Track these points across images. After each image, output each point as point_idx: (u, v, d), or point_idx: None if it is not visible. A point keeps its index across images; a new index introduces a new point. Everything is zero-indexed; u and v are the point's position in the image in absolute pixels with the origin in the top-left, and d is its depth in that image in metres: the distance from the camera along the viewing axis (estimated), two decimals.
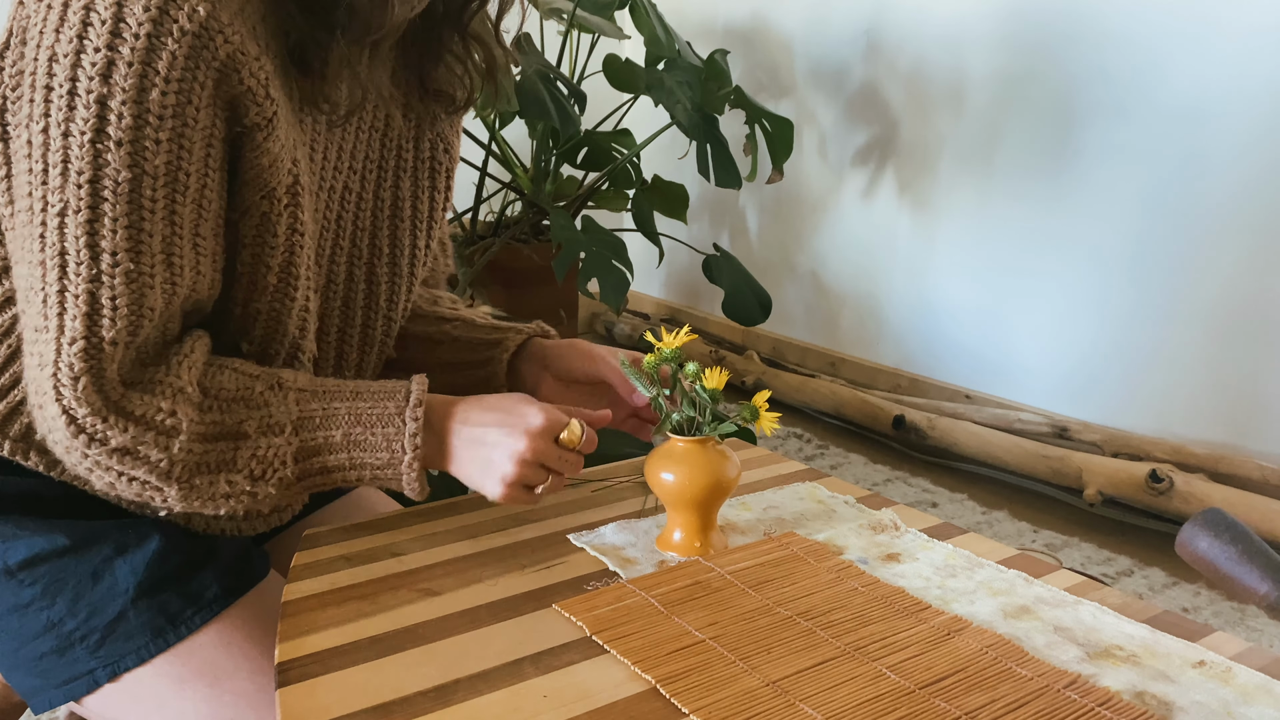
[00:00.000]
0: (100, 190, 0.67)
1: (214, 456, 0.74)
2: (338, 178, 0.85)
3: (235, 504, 0.75)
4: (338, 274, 0.88)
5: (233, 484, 0.74)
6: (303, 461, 0.76)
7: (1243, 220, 2.08)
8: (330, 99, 0.78)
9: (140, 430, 0.70)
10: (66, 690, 0.79)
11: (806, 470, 0.99)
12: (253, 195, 0.76)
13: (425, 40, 0.89)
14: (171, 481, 0.72)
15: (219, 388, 0.74)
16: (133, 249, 0.69)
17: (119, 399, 0.70)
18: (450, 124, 0.95)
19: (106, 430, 0.70)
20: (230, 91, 0.71)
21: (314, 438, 0.76)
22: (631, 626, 0.68)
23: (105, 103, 0.66)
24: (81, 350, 0.68)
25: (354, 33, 0.75)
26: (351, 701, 0.60)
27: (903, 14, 2.64)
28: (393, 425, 0.76)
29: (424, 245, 0.94)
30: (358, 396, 0.77)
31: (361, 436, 0.76)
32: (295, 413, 0.76)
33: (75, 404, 0.69)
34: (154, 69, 0.66)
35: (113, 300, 0.69)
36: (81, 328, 0.68)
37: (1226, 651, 0.69)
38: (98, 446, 0.70)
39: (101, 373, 0.69)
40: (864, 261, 2.85)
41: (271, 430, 0.75)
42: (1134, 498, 2.15)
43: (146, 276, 0.70)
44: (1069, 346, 2.40)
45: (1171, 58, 2.14)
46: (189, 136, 0.69)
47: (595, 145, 2.63)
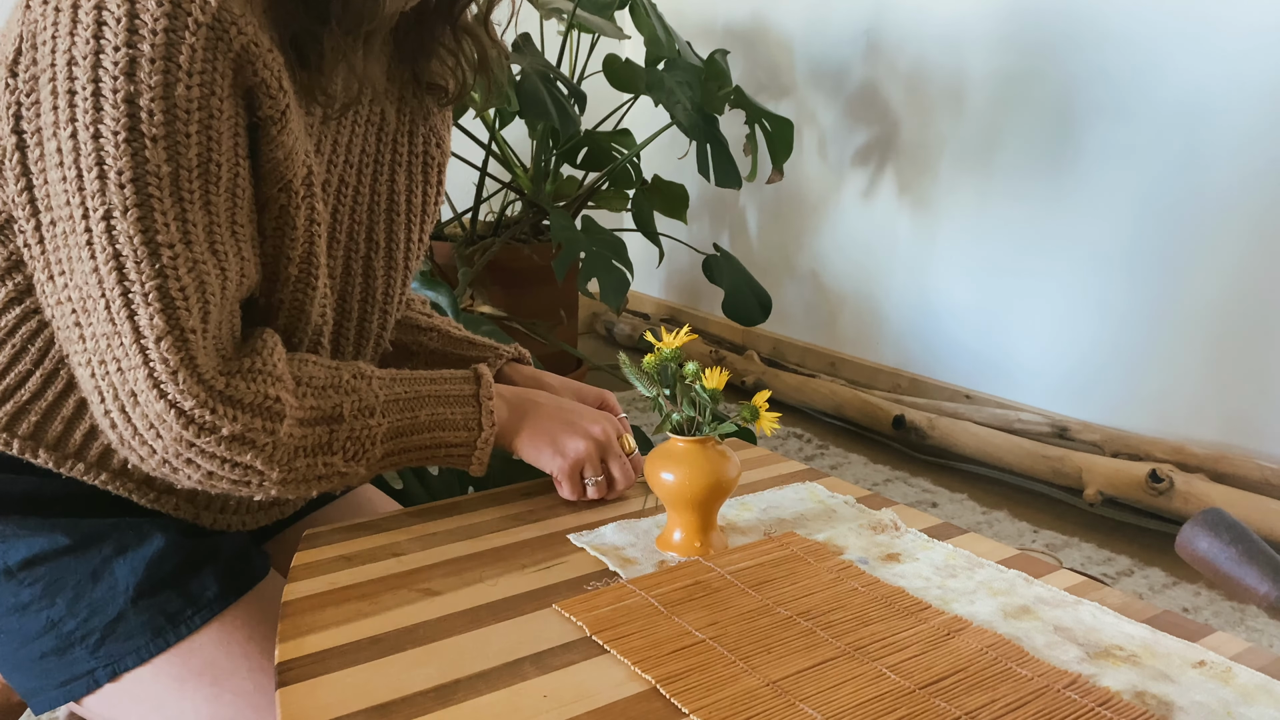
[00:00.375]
0: (146, 187, 0.67)
1: (313, 440, 0.76)
2: (333, 172, 0.85)
3: (327, 485, 0.79)
4: (335, 268, 0.88)
5: (329, 465, 0.78)
6: (390, 441, 0.81)
7: (1243, 220, 2.08)
8: (326, 92, 0.79)
9: (250, 417, 0.72)
10: (66, 690, 0.79)
11: (806, 470, 0.99)
12: (270, 189, 0.76)
13: (418, 33, 0.90)
14: (275, 465, 0.74)
15: (309, 376, 0.78)
16: (185, 239, 0.69)
17: (223, 388, 0.71)
18: (442, 118, 0.95)
19: (216, 420, 0.71)
20: (246, 83, 0.71)
21: (402, 418, 0.81)
22: (631, 626, 0.68)
23: (134, 100, 0.66)
24: (171, 344, 0.69)
25: (347, 23, 0.76)
26: (351, 701, 0.60)
27: (903, 14, 2.64)
28: (470, 405, 0.85)
29: (418, 239, 0.94)
30: (435, 381, 0.84)
31: (444, 416, 0.83)
32: (383, 395, 0.81)
33: (181, 397, 0.70)
34: (176, 64, 0.67)
35: (182, 291, 0.69)
36: (163, 323, 0.69)
37: (1226, 651, 0.69)
38: (208, 436, 0.71)
39: (194, 363, 0.70)
40: (864, 261, 2.85)
41: (365, 413, 0.79)
42: (1134, 498, 2.15)
43: (202, 263, 0.70)
44: (1069, 346, 2.40)
45: (1171, 57, 2.14)
46: (215, 127, 0.69)
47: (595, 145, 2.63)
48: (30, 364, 0.78)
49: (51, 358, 0.78)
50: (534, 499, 0.90)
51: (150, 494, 0.82)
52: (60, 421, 0.79)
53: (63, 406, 0.79)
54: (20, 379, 0.78)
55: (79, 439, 0.79)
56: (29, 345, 0.78)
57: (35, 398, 0.78)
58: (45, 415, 0.78)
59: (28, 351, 0.78)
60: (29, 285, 0.77)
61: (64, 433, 0.79)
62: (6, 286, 0.78)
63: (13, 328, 0.78)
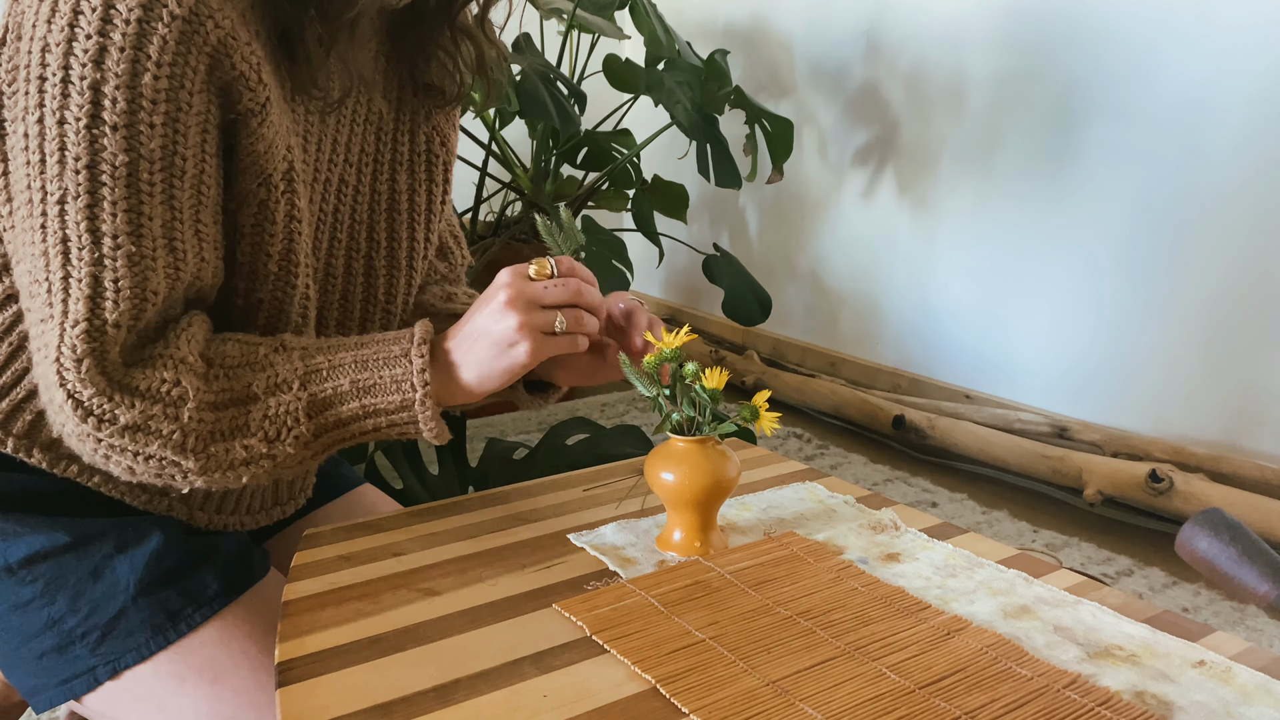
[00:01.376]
0: (99, 175, 0.67)
1: (226, 423, 0.73)
2: (332, 170, 0.85)
3: (256, 469, 0.74)
4: (336, 267, 0.88)
5: (249, 448, 0.73)
6: (316, 416, 0.75)
7: (1242, 219, 2.08)
8: (320, 84, 0.79)
9: (147, 404, 0.70)
10: (67, 688, 0.79)
11: (806, 470, 0.99)
12: (249, 183, 0.76)
13: (416, 35, 0.89)
14: (187, 453, 0.71)
15: (223, 356, 0.74)
16: (133, 232, 0.69)
17: (122, 377, 0.70)
18: (446, 117, 0.95)
19: (114, 409, 0.69)
20: (223, 77, 0.71)
21: (322, 390, 0.75)
22: (631, 626, 0.68)
23: (99, 88, 0.66)
24: (84, 332, 0.68)
25: (325, 10, 0.75)
26: (351, 701, 0.60)
27: (903, 14, 2.64)
28: (399, 366, 0.75)
29: (424, 239, 0.94)
30: (362, 345, 0.76)
31: (370, 382, 0.75)
32: (301, 368, 0.75)
33: (79, 386, 0.68)
34: (145, 54, 0.67)
35: (115, 283, 0.68)
36: (84, 310, 0.68)
37: (1226, 651, 0.69)
38: (108, 427, 0.69)
39: (104, 354, 0.69)
40: (864, 261, 2.85)
41: (279, 388, 0.74)
42: (1134, 498, 2.15)
43: (149, 259, 0.70)
44: (1069, 346, 2.40)
45: (1170, 57, 2.14)
46: (183, 120, 0.69)
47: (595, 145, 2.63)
48: (27, 361, 0.78)
49: None
50: (534, 499, 0.91)
51: (143, 496, 0.82)
52: None
53: None
54: (16, 376, 0.78)
55: None
56: (26, 343, 0.78)
57: (31, 396, 0.78)
58: (40, 414, 0.78)
59: (24, 349, 0.78)
60: None
61: None
62: (3, 283, 0.78)
63: (9, 325, 0.78)
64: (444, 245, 1.04)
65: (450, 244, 1.05)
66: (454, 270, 1.05)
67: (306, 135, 0.81)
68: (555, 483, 0.95)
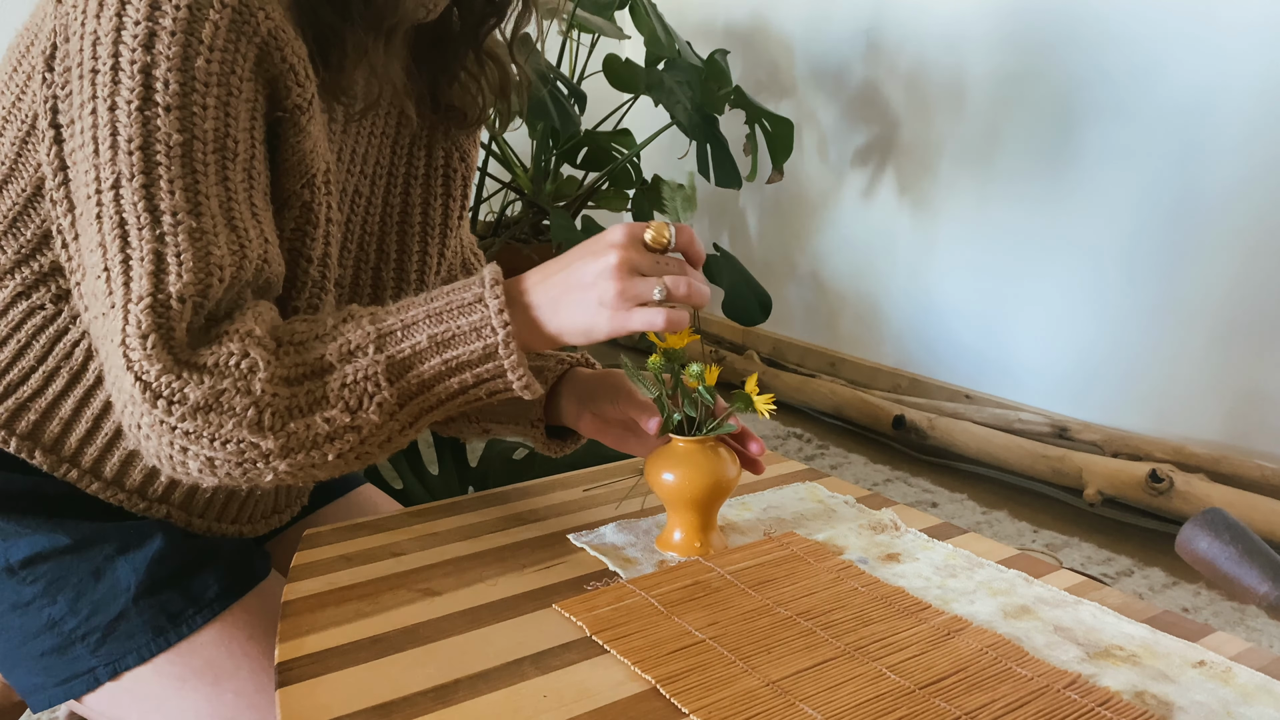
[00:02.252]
0: (153, 154, 0.66)
1: (303, 397, 0.68)
2: (349, 180, 0.85)
3: (342, 445, 0.69)
4: (344, 277, 0.88)
5: (331, 421, 0.68)
6: (397, 381, 0.70)
7: (1242, 219, 2.08)
8: (348, 91, 0.78)
9: (216, 379, 0.65)
10: (67, 689, 0.79)
11: (806, 470, 0.99)
12: (294, 184, 0.75)
13: (440, 55, 0.89)
14: (265, 431, 0.66)
15: (291, 332, 0.70)
16: (192, 209, 0.67)
17: (190, 356, 0.66)
18: (467, 133, 0.94)
19: (182, 387, 0.65)
20: (271, 70, 0.70)
21: (400, 350, 0.70)
22: (631, 626, 0.68)
23: (150, 71, 0.66)
24: (148, 307, 0.64)
25: (369, 19, 0.75)
26: (351, 701, 0.60)
27: (903, 14, 2.64)
28: (476, 312, 0.70)
29: (435, 253, 0.93)
30: (433, 300, 0.71)
31: (447, 334, 0.70)
32: (373, 332, 0.70)
33: (146, 364, 0.64)
34: (197, 37, 0.66)
35: (178, 257, 0.66)
36: (148, 285, 0.65)
37: (1226, 651, 0.69)
38: (178, 409, 0.65)
39: (171, 331, 0.65)
40: (864, 261, 2.85)
41: (354, 354, 0.69)
42: (1134, 498, 2.15)
43: (210, 235, 0.67)
44: (1069, 346, 2.40)
45: (1170, 57, 2.14)
46: (234, 105, 0.69)
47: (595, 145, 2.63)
48: (34, 360, 0.78)
49: (54, 355, 0.78)
50: (534, 499, 0.91)
51: (142, 503, 0.82)
52: (58, 423, 0.79)
53: (60, 407, 0.78)
54: (23, 375, 0.78)
55: (74, 443, 0.79)
56: (34, 341, 0.78)
57: (36, 395, 0.78)
58: (44, 414, 0.78)
59: (32, 347, 0.78)
60: (36, 280, 0.77)
61: (61, 434, 0.79)
62: (15, 280, 0.78)
63: (19, 322, 0.78)
64: (466, 262, 1.04)
65: (472, 261, 1.04)
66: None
67: (330, 142, 0.81)
68: (555, 483, 0.95)
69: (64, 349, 0.78)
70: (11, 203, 0.76)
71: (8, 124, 0.75)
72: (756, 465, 0.84)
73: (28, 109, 0.73)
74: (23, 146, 0.74)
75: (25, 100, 0.73)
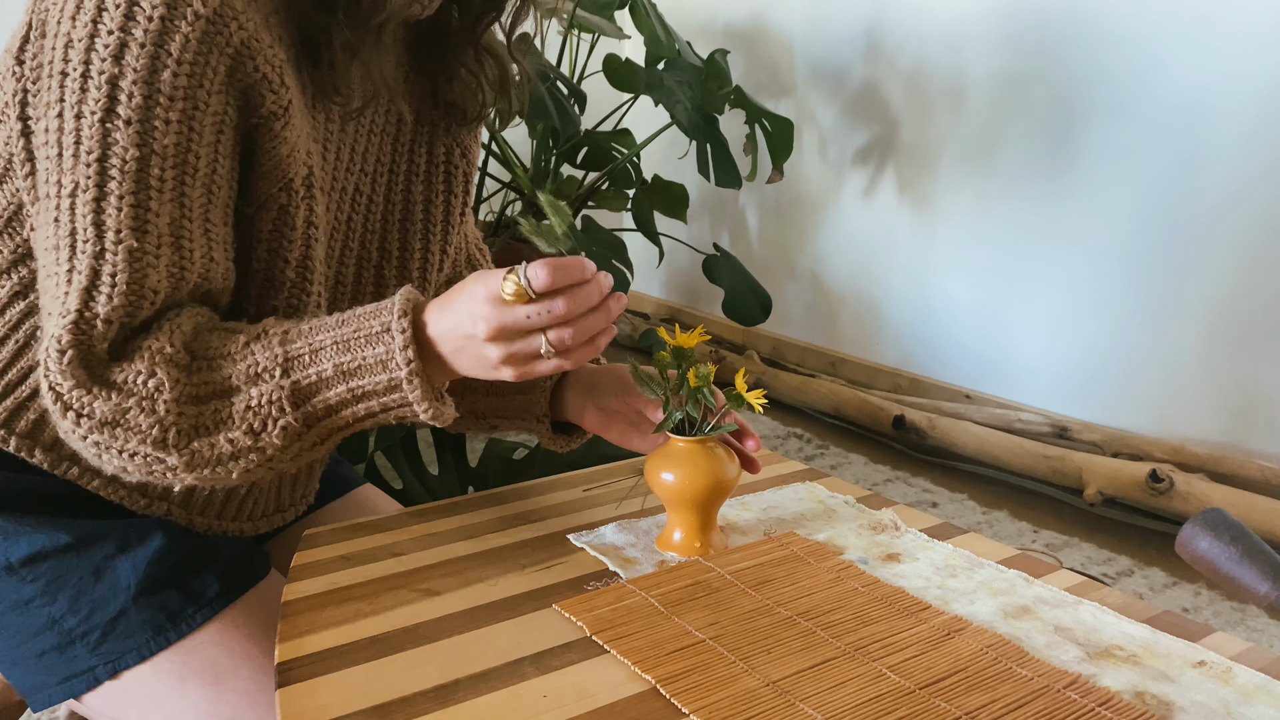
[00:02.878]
0: (108, 168, 0.67)
1: (208, 417, 0.69)
2: (349, 179, 0.85)
3: (246, 464, 0.70)
4: (346, 276, 0.88)
5: (234, 441, 0.69)
6: (302, 405, 0.70)
7: (1242, 220, 2.08)
8: (342, 90, 0.78)
9: (122, 397, 0.67)
10: (67, 688, 0.79)
11: (806, 470, 0.99)
12: (270, 187, 0.76)
13: (440, 52, 0.89)
14: (169, 449, 0.68)
15: (206, 348, 0.70)
16: (138, 228, 0.68)
17: (103, 371, 0.68)
18: (468, 129, 0.94)
19: (91, 402, 0.67)
20: (244, 80, 0.71)
21: (306, 376, 0.69)
22: (631, 626, 0.68)
23: (116, 82, 0.66)
24: (71, 324, 0.66)
25: (355, 17, 0.75)
26: (351, 701, 0.60)
27: (903, 14, 2.64)
28: (382, 343, 0.69)
29: (437, 250, 0.93)
30: (343, 324, 0.71)
31: (353, 364, 0.69)
32: (280, 354, 0.70)
33: (59, 378, 0.66)
34: (166, 50, 0.67)
35: (112, 278, 0.67)
36: (76, 302, 0.67)
37: (1227, 651, 0.69)
38: (86, 422, 0.67)
39: (90, 348, 0.67)
40: (864, 261, 2.84)
41: (260, 378, 0.69)
42: (1134, 498, 2.15)
43: (150, 256, 0.69)
44: (1069, 346, 2.40)
45: (1171, 57, 2.14)
46: (199, 119, 0.69)
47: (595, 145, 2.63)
48: (32, 360, 0.78)
49: None
50: (534, 499, 0.90)
51: (142, 500, 0.82)
52: None
53: None
54: (21, 374, 0.78)
55: None
56: (32, 340, 0.78)
57: (35, 394, 0.78)
58: (43, 414, 0.78)
59: (30, 346, 0.78)
60: (32, 279, 0.77)
61: None
62: (11, 280, 0.78)
63: (16, 322, 0.78)
64: (471, 257, 1.04)
65: (477, 256, 1.04)
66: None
67: (325, 143, 0.81)
68: (555, 483, 0.95)
69: None
70: (5, 203, 0.76)
71: (0, 123, 0.75)
72: (753, 464, 0.84)
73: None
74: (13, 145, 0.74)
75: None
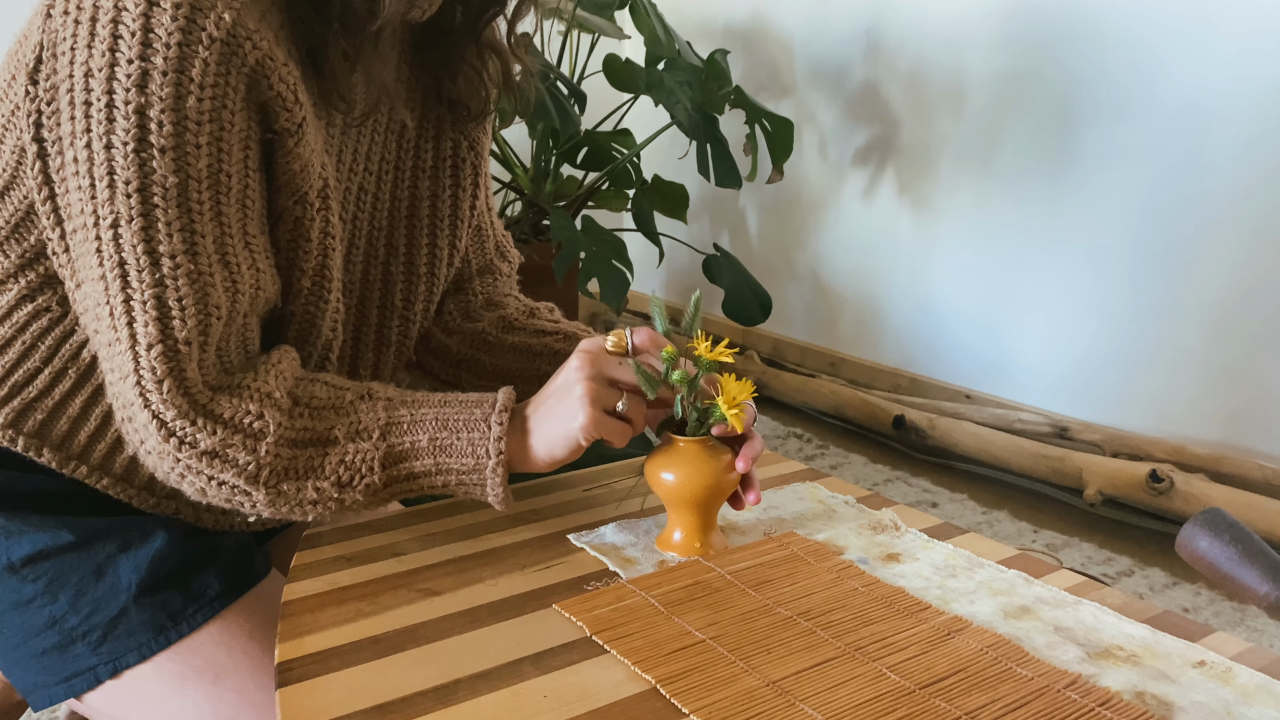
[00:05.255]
0: (150, 197, 0.68)
1: (302, 462, 0.73)
2: (353, 179, 0.86)
3: (322, 510, 0.75)
4: (353, 274, 0.88)
5: (320, 490, 0.74)
6: (390, 468, 0.75)
7: (1243, 220, 2.08)
8: (345, 98, 0.79)
9: (228, 433, 0.71)
10: (67, 687, 0.79)
11: (806, 470, 0.99)
12: (285, 200, 0.76)
13: (443, 49, 0.89)
14: (259, 485, 0.72)
15: (310, 396, 0.75)
16: (189, 250, 0.70)
17: (206, 402, 0.71)
18: (478, 122, 0.94)
19: (195, 433, 0.70)
20: (261, 97, 0.71)
21: (401, 443, 0.75)
22: (631, 626, 0.68)
23: (145, 112, 0.67)
24: (160, 353, 0.69)
25: (348, 23, 0.75)
26: (351, 701, 0.60)
27: (903, 14, 2.64)
28: (478, 430, 0.76)
29: (446, 246, 0.94)
30: (445, 404, 0.77)
31: (447, 441, 0.75)
32: (384, 418, 0.75)
33: (163, 407, 0.70)
34: (188, 76, 0.67)
35: (180, 301, 0.69)
36: (155, 331, 0.69)
37: (1227, 651, 0.69)
38: (188, 450, 0.71)
39: (183, 374, 0.70)
40: (864, 261, 2.84)
41: (360, 435, 0.74)
42: (1134, 498, 2.15)
43: (207, 275, 0.71)
44: (1069, 346, 2.40)
45: (1172, 58, 2.14)
46: (226, 139, 0.70)
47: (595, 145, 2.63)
48: (39, 361, 0.78)
49: (60, 356, 0.79)
50: (534, 499, 0.91)
51: (150, 499, 0.82)
52: (66, 421, 0.79)
53: (69, 406, 0.79)
54: (29, 375, 0.78)
55: (83, 440, 0.79)
56: (39, 342, 0.78)
57: (42, 395, 0.78)
58: (51, 413, 0.79)
59: (37, 349, 0.78)
60: (41, 283, 0.78)
61: (69, 432, 0.79)
62: (19, 284, 0.78)
63: (23, 324, 0.78)
64: (500, 245, 1.05)
65: (505, 244, 1.05)
66: (512, 269, 1.06)
67: (328, 147, 0.81)
68: (555, 483, 0.95)
69: (70, 350, 0.78)
70: (14, 209, 0.77)
71: (7, 132, 0.75)
72: (745, 489, 0.82)
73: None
74: (22, 155, 0.74)
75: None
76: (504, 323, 0.99)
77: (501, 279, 1.04)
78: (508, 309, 1.00)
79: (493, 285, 1.03)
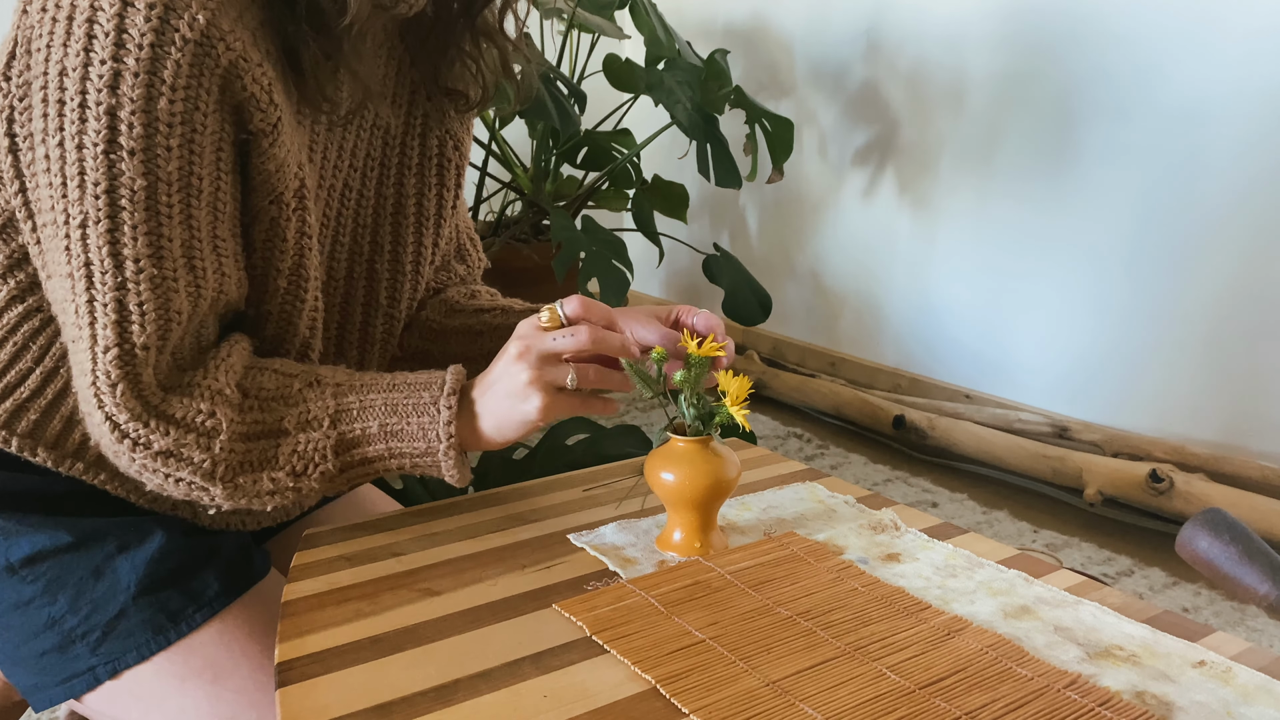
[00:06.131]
0: (118, 199, 0.68)
1: (256, 455, 0.74)
2: (337, 176, 0.85)
3: (280, 499, 0.76)
4: (338, 271, 0.88)
5: (276, 480, 0.75)
6: (343, 454, 0.76)
7: (1243, 220, 2.08)
8: (329, 99, 0.78)
9: (181, 433, 0.72)
10: (67, 688, 0.79)
11: (806, 470, 0.99)
12: (261, 201, 0.76)
13: (437, 38, 0.89)
14: (216, 481, 0.73)
15: (259, 388, 0.76)
16: (154, 254, 0.70)
17: (159, 403, 0.71)
18: (460, 120, 0.94)
19: (149, 435, 0.71)
20: (235, 98, 0.71)
21: (351, 430, 0.76)
22: (631, 626, 0.68)
23: (115, 113, 0.67)
24: (115, 357, 0.70)
25: (317, 23, 0.75)
26: (351, 701, 0.60)
27: (903, 14, 2.64)
28: (428, 414, 0.76)
29: (430, 242, 0.94)
30: (394, 388, 0.77)
31: (397, 426, 0.76)
32: (332, 407, 0.76)
33: (116, 410, 0.70)
34: (160, 78, 0.67)
35: (140, 306, 0.70)
36: (113, 335, 0.69)
37: (1227, 651, 0.69)
38: (142, 451, 0.72)
39: (138, 378, 0.70)
40: (864, 261, 2.85)
41: (310, 425, 0.75)
42: (1134, 498, 2.15)
43: (170, 280, 0.71)
44: (1069, 346, 2.40)
45: (1172, 59, 2.14)
46: (198, 142, 0.70)
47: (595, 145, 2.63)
48: (31, 361, 0.78)
49: (52, 355, 0.79)
50: (534, 499, 0.91)
51: (146, 495, 0.82)
52: (59, 420, 0.79)
53: (62, 405, 0.79)
54: (20, 376, 0.78)
55: (78, 438, 0.79)
56: (30, 343, 0.78)
57: (35, 395, 0.78)
58: (44, 413, 0.79)
59: (29, 349, 0.78)
60: (30, 283, 0.78)
61: (63, 431, 0.79)
62: (8, 285, 0.78)
63: (14, 325, 0.78)
64: (461, 248, 1.04)
65: (468, 246, 1.05)
66: (472, 272, 1.06)
67: (312, 145, 0.81)
68: (555, 483, 0.95)
69: (62, 349, 0.78)
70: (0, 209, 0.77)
71: None
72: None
73: None
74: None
75: None
76: (446, 306, 0.99)
77: (455, 282, 1.03)
78: (448, 293, 1.01)
79: (445, 280, 1.03)
